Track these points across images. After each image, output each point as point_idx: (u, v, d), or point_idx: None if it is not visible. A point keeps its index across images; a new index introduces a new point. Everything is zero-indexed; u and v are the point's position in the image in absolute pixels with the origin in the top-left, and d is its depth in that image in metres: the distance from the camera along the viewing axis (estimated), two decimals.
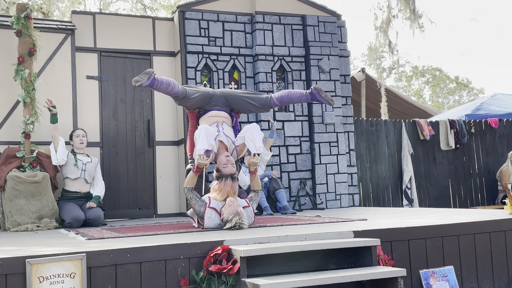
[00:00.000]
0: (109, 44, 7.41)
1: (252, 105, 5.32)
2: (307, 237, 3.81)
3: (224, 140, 4.98)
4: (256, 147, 4.86)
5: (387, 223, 4.50)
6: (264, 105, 5.32)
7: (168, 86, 5.05)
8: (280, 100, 5.28)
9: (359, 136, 9.04)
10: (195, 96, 5.20)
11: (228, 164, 4.75)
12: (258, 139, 4.89)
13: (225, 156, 4.82)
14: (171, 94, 5.15)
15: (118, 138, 7.45)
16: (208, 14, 7.61)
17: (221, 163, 4.78)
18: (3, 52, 6.65)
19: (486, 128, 10.19)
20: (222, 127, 5.06)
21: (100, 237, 4.30)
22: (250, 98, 5.33)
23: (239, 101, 5.30)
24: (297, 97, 5.29)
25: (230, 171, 4.72)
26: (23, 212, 5.94)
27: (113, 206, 7.29)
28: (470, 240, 4.30)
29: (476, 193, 10.00)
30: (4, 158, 6.20)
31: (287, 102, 5.36)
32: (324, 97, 5.14)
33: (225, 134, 5.02)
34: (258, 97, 5.36)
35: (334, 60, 8.08)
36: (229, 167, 4.73)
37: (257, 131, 4.91)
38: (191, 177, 4.85)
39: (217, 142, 4.94)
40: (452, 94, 34.79)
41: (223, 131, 5.02)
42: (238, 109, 5.37)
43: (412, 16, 13.37)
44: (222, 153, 4.87)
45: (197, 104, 5.24)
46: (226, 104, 5.26)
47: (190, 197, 4.79)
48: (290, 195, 7.66)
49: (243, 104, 5.31)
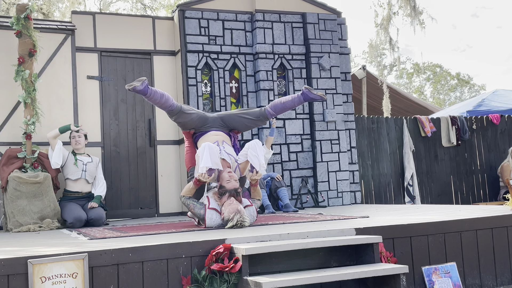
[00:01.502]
0: (110, 44, 7.41)
1: (248, 120, 5.35)
2: (309, 235, 3.81)
3: (226, 158, 4.93)
4: (260, 164, 4.87)
5: (389, 220, 4.50)
6: (259, 117, 5.36)
7: (162, 97, 5.06)
8: (274, 109, 5.33)
9: (360, 134, 9.03)
10: (192, 113, 5.22)
11: (231, 179, 4.73)
12: (261, 156, 4.92)
13: (227, 173, 4.79)
14: (165, 107, 5.14)
15: (119, 138, 7.45)
16: (208, 12, 7.60)
17: (224, 179, 4.75)
18: (3, 53, 6.65)
19: (487, 124, 10.18)
20: (223, 146, 5.04)
21: (102, 237, 4.30)
22: (245, 113, 5.39)
23: (235, 118, 5.35)
24: (290, 102, 5.33)
25: (233, 186, 4.69)
26: (25, 212, 5.94)
27: (115, 206, 7.29)
28: (472, 236, 4.30)
29: (478, 189, 9.99)
30: (5, 159, 6.21)
31: (282, 109, 5.38)
32: (316, 94, 5.22)
33: (227, 153, 4.99)
34: (253, 111, 5.42)
35: (334, 57, 8.07)
36: (232, 182, 4.71)
37: (259, 147, 4.92)
38: (189, 188, 4.84)
39: (220, 161, 4.90)
40: (453, 91, 34.74)
41: (224, 149, 4.99)
42: (236, 127, 5.39)
43: (412, 13, 13.34)
44: (224, 170, 4.84)
45: (193, 124, 5.25)
46: (223, 125, 5.29)
47: (187, 203, 4.80)
48: (291, 193, 7.65)
49: (239, 120, 5.35)
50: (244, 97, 7.65)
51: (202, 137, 5.20)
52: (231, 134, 5.33)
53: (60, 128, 6.34)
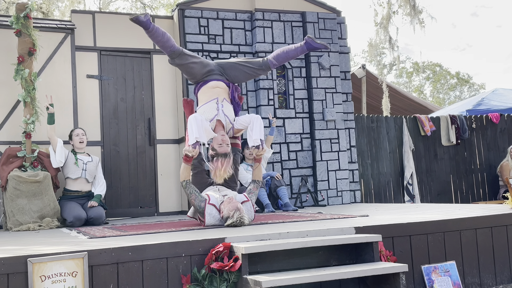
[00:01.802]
0: (109, 43, 7.41)
1: (249, 68, 5.30)
2: (309, 233, 3.81)
3: (222, 119, 5.00)
4: (254, 139, 4.93)
5: (388, 219, 4.50)
6: (261, 66, 5.31)
7: (163, 35, 5.06)
8: (277, 58, 5.30)
9: (360, 133, 9.04)
10: (194, 59, 5.16)
11: (223, 144, 4.82)
12: (257, 132, 4.94)
13: (221, 135, 4.88)
14: (166, 47, 5.09)
15: (119, 137, 7.45)
16: (207, 12, 7.60)
17: (216, 142, 4.85)
18: (3, 52, 6.65)
19: (487, 123, 10.19)
20: (222, 104, 5.05)
21: (102, 235, 4.31)
22: (246, 62, 5.35)
23: (235, 66, 5.30)
24: (293, 51, 5.31)
25: (224, 150, 4.79)
26: (24, 211, 5.94)
27: (115, 205, 7.30)
28: (471, 235, 4.30)
29: (477, 188, 10.00)
30: (5, 158, 6.20)
31: (284, 58, 5.34)
32: (319, 43, 5.26)
33: (224, 113, 5.02)
34: (254, 60, 5.39)
35: (334, 56, 8.07)
36: (224, 147, 4.81)
37: (257, 122, 4.97)
38: (184, 168, 4.84)
39: (215, 121, 4.97)
40: (453, 90, 34.75)
41: (222, 109, 5.02)
42: (237, 77, 5.31)
43: (412, 12, 13.34)
44: (218, 132, 4.93)
45: (195, 69, 5.16)
46: (223, 73, 5.22)
47: (189, 192, 4.79)
48: (291, 192, 7.66)
49: (240, 69, 5.29)
50: (244, 96, 7.62)
51: (203, 88, 5.15)
52: (231, 85, 5.25)
53: (47, 121, 6.27)
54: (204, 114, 4.99)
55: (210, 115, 4.99)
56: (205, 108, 5.04)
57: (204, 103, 5.07)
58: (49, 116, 6.26)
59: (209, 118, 4.97)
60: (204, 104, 5.07)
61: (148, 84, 7.62)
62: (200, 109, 5.08)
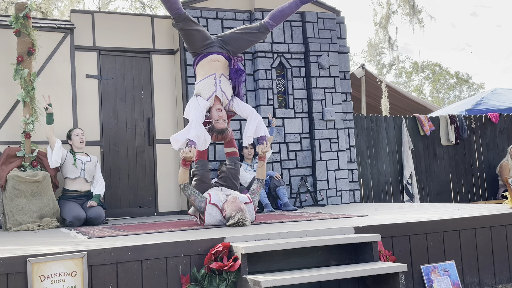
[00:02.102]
0: (108, 42, 7.41)
1: (249, 34, 5.29)
2: (308, 233, 3.82)
3: (219, 95, 5.02)
4: (247, 136, 4.99)
5: (388, 219, 4.51)
6: (260, 29, 5.30)
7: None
8: (273, 19, 5.31)
9: (359, 132, 9.04)
10: (197, 27, 5.15)
11: (219, 120, 4.89)
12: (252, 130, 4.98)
13: (216, 110, 4.93)
14: (173, 8, 5.04)
15: (118, 137, 7.45)
16: (207, 11, 7.60)
17: (213, 117, 4.91)
18: (2, 51, 6.64)
19: (486, 123, 10.19)
20: (220, 79, 5.05)
21: (101, 235, 4.31)
22: (244, 29, 5.35)
23: (236, 36, 5.28)
24: (287, 8, 5.35)
25: (221, 126, 4.88)
26: (24, 211, 5.94)
27: (114, 205, 7.30)
28: (471, 235, 4.30)
29: (477, 188, 10.00)
30: (4, 158, 6.20)
31: (280, 17, 5.35)
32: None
33: (221, 89, 5.03)
34: (252, 25, 5.40)
35: (333, 56, 8.07)
36: (220, 123, 4.89)
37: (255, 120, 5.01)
38: (182, 172, 4.84)
39: (213, 98, 4.99)
40: (452, 90, 34.77)
41: (220, 84, 5.03)
42: (239, 46, 5.29)
43: (411, 12, 13.34)
44: (214, 106, 4.97)
45: (196, 37, 5.12)
46: (224, 46, 5.19)
47: (188, 194, 4.79)
48: (291, 192, 7.66)
49: (240, 38, 5.28)
50: (244, 96, 7.62)
51: (202, 61, 5.13)
52: (231, 57, 5.20)
53: (46, 121, 6.26)
54: (203, 90, 5.00)
55: (208, 92, 4.99)
56: (203, 84, 5.04)
57: (202, 78, 5.06)
58: (48, 116, 6.26)
59: (207, 96, 4.98)
60: (202, 80, 5.06)
61: (148, 84, 7.62)
62: (198, 84, 5.07)
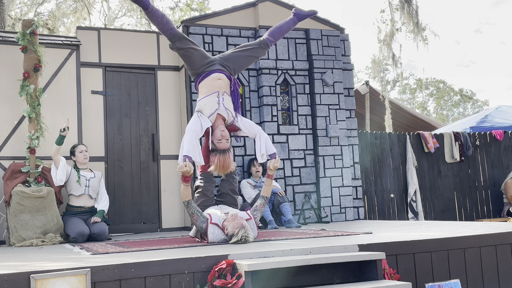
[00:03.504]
0: (114, 59, 7.46)
1: (249, 50, 5.34)
2: (312, 251, 3.80)
3: (223, 113, 5.01)
4: (261, 155, 4.99)
5: (392, 237, 4.49)
6: (260, 45, 5.36)
7: (162, 17, 5.10)
8: (272, 35, 5.40)
9: (363, 149, 9.03)
10: (194, 46, 5.18)
11: (222, 139, 4.87)
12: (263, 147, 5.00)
13: (220, 131, 4.91)
14: (166, 29, 5.10)
15: (123, 153, 7.47)
16: (212, 28, 7.66)
17: (216, 137, 4.89)
18: (9, 68, 6.70)
19: (491, 140, 10.18)
20: (223, 97, 5.04)
21: (105, 252, 4.30)
22: (244, 47, 5.38)
23: (237, 54, 5.32)
24: (285, 24, 5.47)
25: (223, 147, 4.86)
26: (28, 227, 5.94)
27: (118, 221, 7.29)
28: (476, 253, 4.28)
29: (481, 205, 9.96)
30: (9, 173, 6.22)
31: (279, 33, 5.45)
32: (307, 11, 5.54)
33: (225, 106, 5.02)
34: (251, 42, 5.45)
35: (337, 73, 8.10)
36: (223, 143, 4.87)
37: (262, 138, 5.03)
38: (183, 188, 4.82)
39: (215, 115, 4.98)
40: (457, 106, 34.77)
41: (223, 102, 5.02)
42: (240, 64, 5.33)
43: (415, 29, 13.41)
44: (217, 127, 4.95)
45: (195, 56, 5.16)
46: (224, 64, 5.22)
47: (191, 212, 4.78)
48: (294, 209, 7.64)
49: (241, 55, 5.32)
50: (248, 112, 7.67)
51: (204, 80, 5.13)
52: (232, 78, 5.23)
53: (56, 141, 6.26)
54: (205, 107, 5.00)
55: (211, 110, 4.99)
56: (205, 101, 5.03)
57: (205, 96, 5.06)
58: (60, 137, 6.25)
59: (209, 113, 4.98)
60: (205, 97, 5.06)
61: (153, 100, 7.65)
62: (201, 101, 5.07)
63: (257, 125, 5.17)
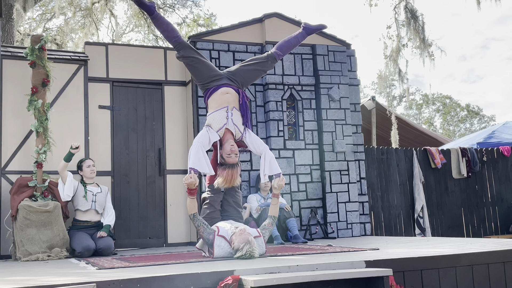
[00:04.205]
0: (122, 74, 7.51)
1: (257, 64, 5.34)
2: (318, 267, 3.78)
3: (231, 128, 5.02)
4: (264, 174, 5.00)
5: (399, 253, 4.45)
6: (267, 59, 5.36)
7: (168, 25, 5.16)
8: (280, 49, 5.41)
9: (370, 165, 9.01)
10: (200, 56, 5.20)
11: (232, 154, 4.89)
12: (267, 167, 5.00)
13: (230, 145, 4.92)
14: (171, 37, 5.17)
15: (129, 167, 7.49)
16: (219, 44, 7.70)
17: (225, 152, 4.91)
18: (18, 82, 6.76)
19: (498, 156, 10.13)
20: (232, 112, 5.06)
21: (111, 266, 4.29)
22: (253, 60, 5.39)
23: (245, 68, 5.32)
24: (293, 38, 5.48)
25: (233, 161, 4.88)
26: (34, 241, 5.94)
27: (124, 235, 7.29)
28: (484, 270, 4.24)
29: (489, 222, 9.89)
30: (16, 188, 6.24)
31: (287, 47, 5.46)
32: (316, 25, 5.56)
33: (233, 122, 5.04)
34: (259, 56, 5.44)
35: (344, 88, 8.12)
36: (232, 157, 4.88)
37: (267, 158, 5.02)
38: (190, 202, 4.81)
39: (224, 130, 5.00)
40: (463, 122, 34.72)
41: (231, 117, 5.04)
42: (246, 77, 5.33)
43: (421, 45, 13.42)
44: (227, 141, 4.96)
45: (201, 66, 5.18)
46: (232, 78, 5.23)
47: (197, 224, 4.77)
48: (301, 224, 7.61)
49: (249, 69, 5.32)
50: (254, 127, 7.68)
51: (213, 95, 5.13)
52: (240, 91, 5.23)
53: (65, 158, 6.26)
54: (214, 122, 5.02)
55: (219, 124, 5.01)
56: (214, 116, 5.05)
57: (214, 111, 5.08)
58: (70, 154, 6.25)
59: (217, 128, 5.00)
60: (214, 112, 5.07)
61: (159, 114, 7.69)
62: (210, 116, 5.09)
63: (264, 144, 5.15)
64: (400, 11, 13.62)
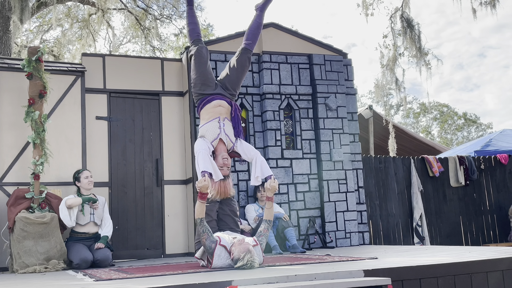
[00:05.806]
0: (119, 85, 7.52)
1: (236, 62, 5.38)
2: (317, 276, 3.76)
3: (223, 139, 5.08)
4: (255, 177, 5.00)
5: (398, 262, 4.44)
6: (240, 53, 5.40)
7: (197, 19, 5.56)
8: (247, 39, 5.48)
9: (368, 173, 9.01)
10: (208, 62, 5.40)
11: (224, 167, 4.96)
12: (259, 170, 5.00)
13: (222, 158, 5.00)
14: (196, 30, 5.59)
15: (127, 178, 7.47)
16: (215, 54, 7.72)
17: (218, 164, 4.96)
18: (14, 94, 6.75)
19: (495, 164, 10.15)
20: (224, 123, 5.13)
21: (108, 278, 4.27)
22: (229, 65, 5.45)
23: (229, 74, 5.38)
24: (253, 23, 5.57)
25: (224, 173, 4.93)
26: (31, 253, 5.91)
27: (121, 247, 7.25)
28: (482, 278, 4.22)
29: (487, 230, 9.88)
30: (13, 199, 6.22)
31: (252, 33, 5.51)
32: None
33: (225, 132, 5.10)
34: (233, 57, 5.50)
35: (341, 98, 8.13)
36: (224, 170, 4.95)
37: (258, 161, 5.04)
38: (198, 205, 4.79)
39: (218, 140, 5.05)
40: (461, 130, 34.80)
41: (223, 127, 5.10)
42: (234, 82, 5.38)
43: (418, 54, 13.46)
44: (220, 154, 5.03)
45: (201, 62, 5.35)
46: (226, 87, 5.32)
47: (202, 230, 4.72)
48: (299, 234, 7.59)
49: (232, 72, 5.37)
50: (251, 137, 7.68)
51: (206, 107, 5.21)
52: (233, 103, 5.30)
53: (83, 198, 6.24)
54: (207, 133, 5.08)
55: (213, 135, 5.07)
56: (207, 127, 5.12)
57: (207, 122, 5.15)
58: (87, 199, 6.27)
59: (212, 138, 5.06)
60: (206, 123, 5.14)
61: (157, 125, 7.69)
62: (203, 127, 5.16)
63: (255, 149, 5.19)
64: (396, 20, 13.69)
